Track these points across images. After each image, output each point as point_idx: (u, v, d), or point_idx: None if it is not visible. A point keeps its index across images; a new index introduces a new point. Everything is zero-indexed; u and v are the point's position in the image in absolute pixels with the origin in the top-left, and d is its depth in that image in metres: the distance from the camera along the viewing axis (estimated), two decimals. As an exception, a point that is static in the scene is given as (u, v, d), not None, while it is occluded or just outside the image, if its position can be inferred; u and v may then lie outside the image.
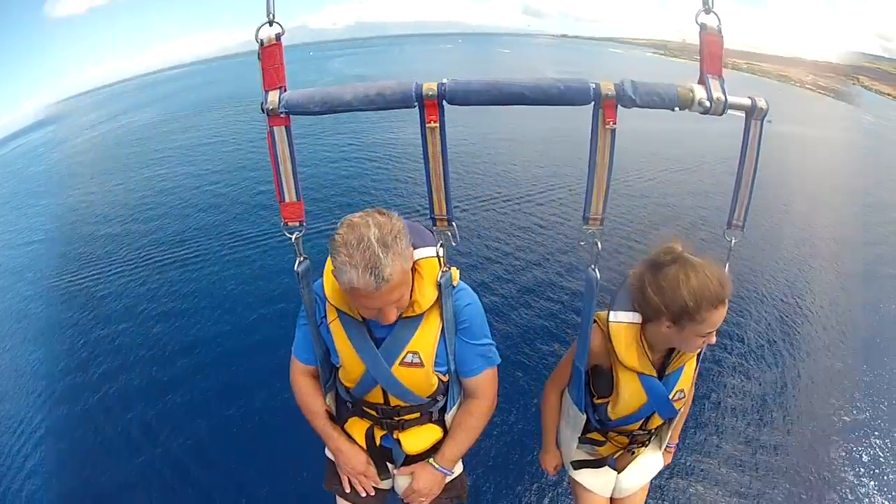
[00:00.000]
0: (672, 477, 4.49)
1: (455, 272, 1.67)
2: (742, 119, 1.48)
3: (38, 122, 44.52)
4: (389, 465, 1.92)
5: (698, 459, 4.77)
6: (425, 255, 1.61)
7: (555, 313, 6.86)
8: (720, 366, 5.96)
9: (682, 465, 4.63)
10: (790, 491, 4.59)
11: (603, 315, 1.78)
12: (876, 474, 4.84)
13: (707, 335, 1.62)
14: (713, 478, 4.63)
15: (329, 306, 1.68)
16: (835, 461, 4.96)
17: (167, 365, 6.12)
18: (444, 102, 1.39)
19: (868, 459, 4.99)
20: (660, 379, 1.77)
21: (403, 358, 1.65)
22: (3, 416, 5.61)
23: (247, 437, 5.00)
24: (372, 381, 1.71)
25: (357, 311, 1.64)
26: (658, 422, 1.93)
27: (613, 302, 1.77)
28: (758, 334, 6.76)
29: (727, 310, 1.59)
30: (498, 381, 1.83)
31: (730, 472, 4.71)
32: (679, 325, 1.60)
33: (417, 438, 1.86)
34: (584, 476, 2.12)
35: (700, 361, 1.89)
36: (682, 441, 2.25)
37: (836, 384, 6.09)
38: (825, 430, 5.35)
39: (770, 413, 5.48)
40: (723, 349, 6.14)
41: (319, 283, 1.70)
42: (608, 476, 2.11)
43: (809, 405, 5.69)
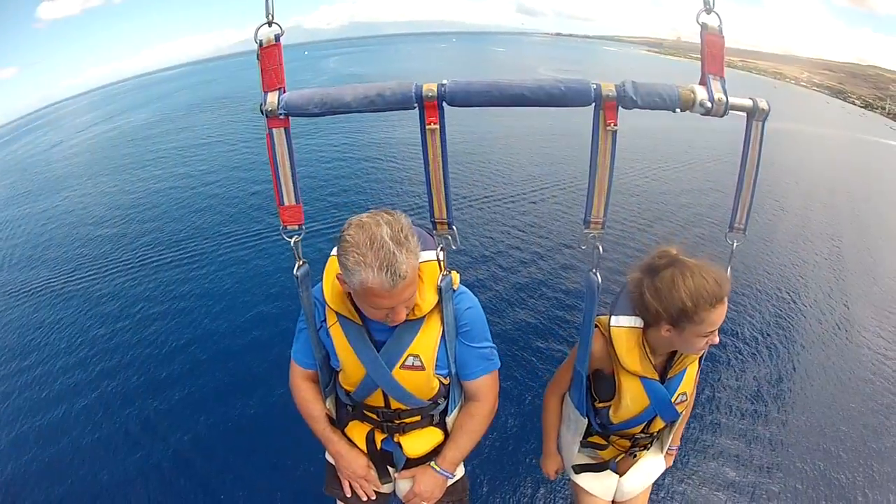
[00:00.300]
0: (670, 478, 4.48)
1: (455, 276, 1.66)
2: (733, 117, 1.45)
3: (33, 124, 44.40)
4: (390, 468, 1.91)
5: (695, 456, 4.76)
6: (425, 258, 1.60)
7: (548, 312, 6.84)
8: (716, 362, 5.97)
9: (679, 462, 4.62)
10: (786, 483, 4.60)
11: (604, 319, 1.77)
12: (872, 467, 4.86)
13: (708, 335, 1.60)
14: (710, 474, 4.62)
15: (329, 310, 1.67)
16: (831, 453, 4.97)
17: (164, 364, 6.10)
18: (444, 104, 1.37)
19: (864, 453, 5.01)
20: (662, 382, 1.77)
21: (404, 361, 1.64)
22: (3, 417, 5.59)
23: (245, 437, 4.97)
24: (373, 384, 1.70)
25: (357, 316, 1.63)
26: (660, 425, 1.93)
27: (614, 307, 1.76)
28: (753, 329, 6.78)
29: (727, 309, 1.57)
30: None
31: (725, 467, 4.71)
32: (679, 328, 1.59)
33: (418, 442, 1.84)
34: (586, 480, 2.10)
35: (702, 363, 1.88)
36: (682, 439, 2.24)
37: (830, 377, 6.12)
38: (821, 423, 5.37)
39: (765, 407, 5.49)
40: (718, 345, 6.14)
41: (319, 287, 1.68)
42: (610, 479, 2.10)
43: (805, 399, 5.71)
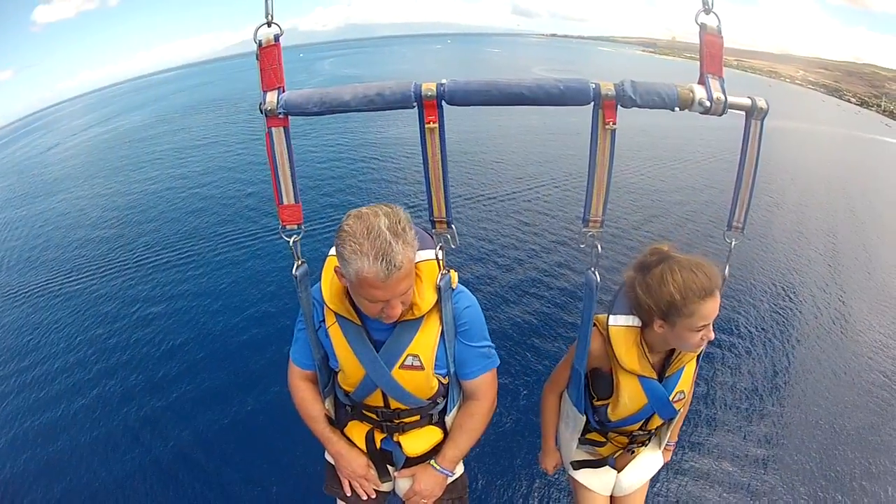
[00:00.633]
0: (667, 473, 4.49)
1: (454, 275, 1.66)
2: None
3: (30, 127, 44.23)
4: (390, 467, 1.90)
5: (691, 451, 4.78)
6: (424, 257, 1.60)
7: (542, 309, 6.89)
8: (711, 357, 6.00)
9: (676, 458, 4.63)
10: (784, 480, 4.62)
11: (602, 318, 1.78)
12: (869, 460, 4.88)
13: (702, 330, 1.60)
14: (706, 469, 4.64)
15: (327, 310, 1.66)
16: (828, 446, 5.00)
17: (161, 364, 6.15)
18: (443, 103, 1.37)
19: (861, 445, 5.04)
20: (660, 381, 1.78)
21: (403, 361, 1.64)
22: (3, 417, 5.60)
23: (242, 437, 5.00)
24: (372, 384, 1.69)
25: (356, 316, 1.63)
26: (658, 422, 1.94)
27: (612, 306, 1.77)
28: (748, 324, 6.83)
29: (720, 302, 1.58)
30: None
31: (722, 462, 4.73)
32: (670, 322, 1.60)
33: (418, 441, 1.84)
34: (585, 476, 2.12)
35: (700, 361, 1.89)
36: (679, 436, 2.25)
37: (826, 371, 6.15)
38: (817, 416, 5.39)
39: (761, 401, 5.53)
40: (714, 343, 6.16)
41: (317, 287, 1.68)
42: (608, 475, 2.12)
43: (801, 393, 5.74)
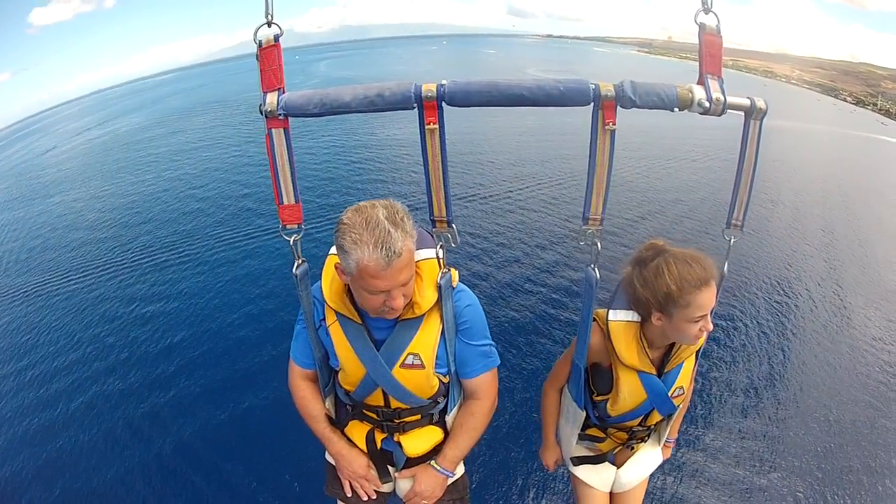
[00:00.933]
0: (665, 469, 4.50)
1: (455, 273, 1.67)
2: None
3: (27, 129, 44.12)
4: (390, 468, 1.90)
5: (690, 447, 4.80)
6: (425, 256, 1.60)
7: (537, 307, 6.90)
8: (708, 352, 6.00)
9: (675, 454, 4.63)
10: (781, 475, 4.63)
11: (602, 313, 1.79)
12: (866, 455, 4.89)
13: (700, 320, 1.61)
14: (703, 466, 4.65)
15: (328, 309, 1.67)
16: (824, 442, 5.02)
17: (158, 363, 6.16)
18: (443, 104, 1.38)
19: (857, 440, 5.06)
20: (659, 376, 1.79)
21: (404, 360, 1.64)
22: (2, 416, 5.60)
23: (240, 438, 5.00)
24: (372, 383, 1.69)
25: (356, 315, 1.63)
26: (657, 418, 1.95)
27: (612, 301, 1.78)
28: (745, 320, 6.85)
29: (716, 293, 1.60)
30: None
31: (718, 458, 4.74)
32: (668, 314, 1.61)
33: (418, 441, 1.84)
34: (584, 471, 2.13)
35: (699, 357, 1.90)
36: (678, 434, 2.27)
37: (823, 365, 6.18)
38: (814, 410, 5.41)
39: (757, 395, 5.56)
40: (710, 338, 6.17)
41: (318, 286, 1.68)
42: (608, 471, 2.12)
43: (798, 388, 5.76)
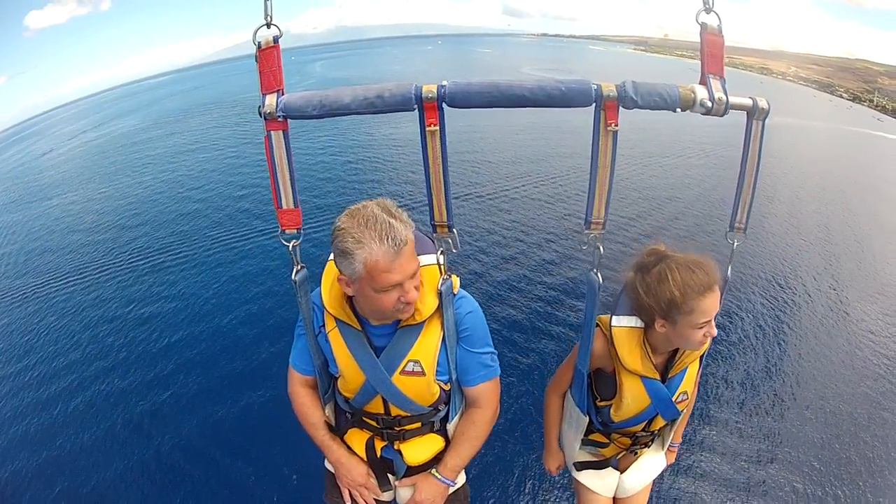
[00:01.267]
0: (668, 472, 4.48)
1: (456, 280, 1.64)
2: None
3: (23, 133, 44.08)
4: (391, 476, 1.88)
5: (692, 450, 4.78)
6: (425, 262, 1.58)
7: (535, 308, 6.87)
8: (708, 352, 6.00)
9: (679, 457, 4.62)
10: (781, 470, 4.63)
11: (605, 319, 1.77)
12: (862, 448, 4.89)
13: (704, 326, 1.59)
14: (704, 465, 4.63)
15: (327, 315, 1.64)
16: (824, 437, 5.02)
17: (157, 363, 6.16)
18: (444, 105, 1.35)
19: (856, 435, 5.06)
20: (663, 381, 1.77)
21: (404, 367, 1.62)
22: (2, 417, 5.60)
23: (238, 433, 4.99)
24: (372, 390, 1.67)
25: (356, 321, 1.60)
26: (661, 423, 1.93)
27: (615, 307, 1.76)
28: (744, 317, 6.87)
29: (720, 298, 1.58)
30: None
31: (718, 456, 4.73)
32: (671, 321, 1.59)
33: (419, 449, 1.82)
34: (588, 477, 2.11)
35: (703, 362, 1.88)
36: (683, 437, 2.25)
37: (822, 360, 6.19)
38: (813, 405, 5.40)
39: (757, 393, 5.56)
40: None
41: (317, 292, 1.66)
42: (611, 476, 2.11)
43: (796, 384, 5.76)
